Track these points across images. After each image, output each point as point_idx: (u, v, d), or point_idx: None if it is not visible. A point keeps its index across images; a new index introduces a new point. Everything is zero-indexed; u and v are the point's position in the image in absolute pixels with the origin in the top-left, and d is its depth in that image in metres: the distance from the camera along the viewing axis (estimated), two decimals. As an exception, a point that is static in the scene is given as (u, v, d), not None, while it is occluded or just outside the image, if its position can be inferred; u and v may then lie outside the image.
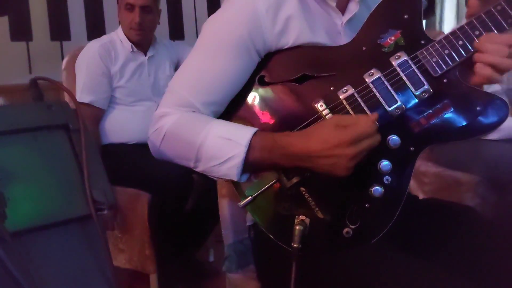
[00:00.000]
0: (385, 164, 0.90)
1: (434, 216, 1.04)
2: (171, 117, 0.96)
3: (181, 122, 0.95)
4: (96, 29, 2.89)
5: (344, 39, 1.01)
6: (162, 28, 2.78)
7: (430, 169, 2.05)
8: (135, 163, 2.05)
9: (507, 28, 0.89)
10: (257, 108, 0.99)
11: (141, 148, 2.01)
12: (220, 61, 0.96)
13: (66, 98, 2.17)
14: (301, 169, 0.90)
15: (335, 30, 1.01)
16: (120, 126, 2.20)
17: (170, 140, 0.96)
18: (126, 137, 2.19)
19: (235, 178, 0.92)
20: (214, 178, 0.99)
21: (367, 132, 0.83)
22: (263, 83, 0.98)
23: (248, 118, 0.99)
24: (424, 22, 3.84)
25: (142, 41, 2.26)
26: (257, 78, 0.99)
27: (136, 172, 2.02)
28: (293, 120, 0.95)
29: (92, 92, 2.14)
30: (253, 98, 0.99)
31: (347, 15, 1.01)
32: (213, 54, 0.97)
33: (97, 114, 2.18)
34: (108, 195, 0.78)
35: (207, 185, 1.93)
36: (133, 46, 2.23)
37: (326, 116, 0.93)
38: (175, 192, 1.96)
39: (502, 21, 0.89)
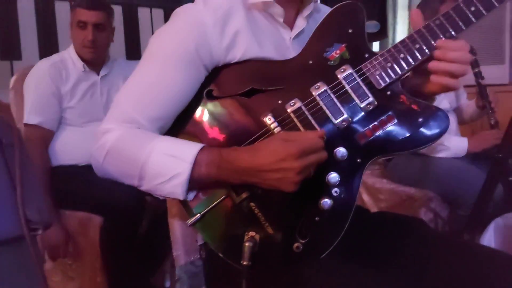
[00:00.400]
0: (333, 176, 0.90)
1: (383, 228, 1.04)
2: (115, 133, 0.92)
3: (124, 138, 0.92)
4: (48, 48, 2.82)
5: (293, 53, 1.01)
6: (119, 47, 2.74)
7: (385, 186, 2.08)
8: (86, 185, 1.98)
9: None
10: (204, 123, 0.97)
11: (92, 170, 1.94)
12: (166, 75, 0.95)
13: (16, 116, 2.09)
14: (250, 184, 0.88)
15: (284, 44, 1.02)
16: (70, 148, 2.12)
17: (113, 157, 0.92)
18: (76, 158, 2.12)
19: (180, 197, 0.90)
20: (160, 198, 0.96)
21: (314, 146, 0.83)
22: (211, 97, 0.97)
23: (196, 133, 0.97)
24: (378, 44, 3.95)
25: (95, 59, 2.21)
26: (204, 92, 0.97)
27: (87, 195, 1.95)
28: (241, 134, 0.94)
29: (41, 113, 2.06)
30: (201, 112, 0.97)
31: (295, 31, 1.03)
32: (159, 67, 0.95)
33: (46, 135, 2.10)
34: (43, 215, 0.74)
35: (161, 207, 1.88)
36: (85, 65, 2.17)
37: (275, 130, 0.92)
38: (128, 215, 1.90)
39: (440, 34, 0.92)
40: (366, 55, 0.95)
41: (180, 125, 0.98)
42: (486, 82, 2.15)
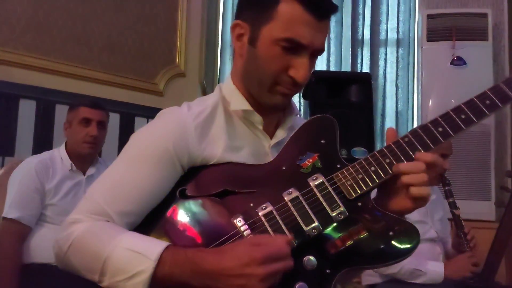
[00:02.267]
0: (300, 285, 0.87)
1: None
2: (82, 224, 0.91)
3: (91, 231, 0.90)
4: (42, 148, 2.87)
5: (271, 160, 1.03)
6: (112, 152, 2.79)
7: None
8: (57, 286, 1.88)
9: (413, 157, 0.95)
10: (175, 221, 0.96)
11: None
12: (142, 171, 0.96)
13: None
14: None
15: (263, 151, 1.05)
16: (45, 246, 2.05)
17: (76, 249, 0.90)
18: (51, 257, 2.02)
19: None
20: None
21: (280, 252, 0.82)
22: (184, 196, 0.97)
23: (165, 231, 0.95)
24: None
25: (89, 156, 2.27)
26: (178, 191, 0.98)
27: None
28: (211, 235, 0.92)
29: (21, 208, 2.05)
30: (172, 211, 0.97)
31: (275, 140, 1.07)
32: (136, 164, 0.97)
33: (22, 231, 2.06)
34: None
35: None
36: (73, 164, 2.21)
37: (244, 232, 0.91)
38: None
39: (409, 151, 0.96)
40: (338, 166, 0.98)
41: (151, 221, 0.97)
42: (473, 217, 2.17)
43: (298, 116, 1.16)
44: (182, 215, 0.96)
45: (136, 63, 3.27)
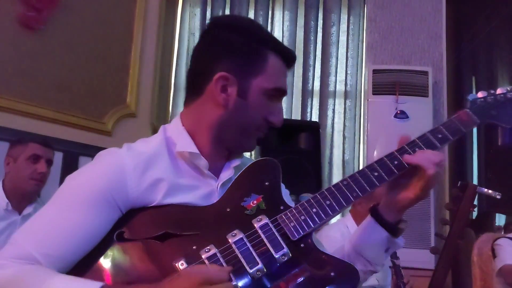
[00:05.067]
0: None
1: None
2: (6, 270, 0.84)
3: (16, 277, 0.83)
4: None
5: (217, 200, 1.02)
6: (52, 186, 2.67)
7: None
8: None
9: (352, 199, 0.99)
10: (112, 266, 0.91)
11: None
12: (74, 214, 0.91)
13: None
14: None
15: (210, 191, 1.03)
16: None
17: None
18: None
19: None
20: None
21: (219, 276, 0.82)
22: (121, 240, 0.93)
23: (100, 276, 0.90)
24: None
25: (33, 194, 2.23)
26: (115, 234, 0.93)
27: None
28: (151, 280, 0.88)
29: None
30: (109, 255, 0.92)
31: (221, 180, 1.05)
32: (69, 206, 0.92)
33: None
34: None
35: None
36: (9, 203, 2.10)
37: None
38: None
39: (348, 194, 0.99)
40: (281, 207, 0.99)
41: (85, 265, 0.91)
42: (414, 265, 2.21)
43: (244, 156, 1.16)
44: (120, 260, 0.92)
45: (85, 102, 3.21)
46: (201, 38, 1.09)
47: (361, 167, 4.09)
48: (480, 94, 1.13)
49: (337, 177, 3.90)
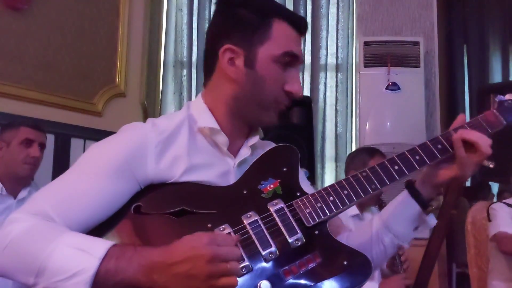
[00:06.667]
0: None
1: None
2: (22, 224, 0.85)
3: (31, 230, 0.84)
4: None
5: (234, 179, 1.02)
6: (46, 168, 2.66)
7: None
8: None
9: (370, 191, 1.00)
10: (125, 236, 0.92)
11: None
12: (94, 181, 0.92)
13: None
14: None
15: (227, 170, 1.03)
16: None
17: (13, 249, 0.83)
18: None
19: None
20: None
21: (225, 239, 0.82)
22: (138, 213, 0.93)
23: None
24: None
25: (27, 178, 2.21)
26: (132, 207, 0.94)
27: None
28: None
29: None
30: (124, 226, 0.93)
31: (238, 158, 1.05)
32: (89, 174, 0.93)
33: None
34: None
35: None
36: (4, 188, 2.10)
37: None
38: None
39: (367, 185, 1.00)
40: (298, 193, 1.00)
41: (99, 234, 0.91)
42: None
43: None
44: (134, 231, 0.93)
45: (73, 83, 3.17)
46: (212, 19, 1.13)
47: (353, 141, 4.12)
48: (508, 96, 1.12)
49: (329, 151, 3.91)
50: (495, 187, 4.45)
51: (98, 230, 0.92)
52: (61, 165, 2.97)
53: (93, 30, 3.31)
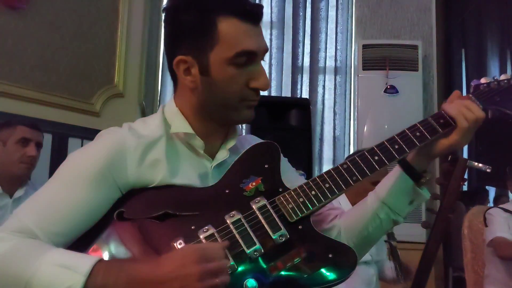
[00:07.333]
0: None
1: None
2: (4, 244, 0.84)
3: (13, 250, 0.84)
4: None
5: (212, 181, 1.02)
6: (42, 168, 2.65)
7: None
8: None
9: (352, 183, 0.99)
10: (110, 244, 0.92)
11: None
12: (74, 191, 0.91)
13: None
14: None
15: (204, 173, 1.03)
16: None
17: None
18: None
19: None
20: None
21: (214, 252, 0.82)
22: (121, 219, 0.93)
23: (99, 254, 0.90)
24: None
25: (23, 178, 2.20)
26: (115, 213, 0.94)
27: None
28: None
29: None
30: (108, 233, 0.92)
31: (215, 162, 1.05)
32: (70, 183, 0.92)
33: None
34: None
35: None
36: (0, 187, 2.08)
37: None
38: None
39: (348, 177, 0.99)
40: (280, 189, 0.99)
41: (83, 244, 0.91)
42: (405, 239, 2.22)
43: (243, 134, 1.15)
44: (118, 238, 0.92)
45: (72, 82, 3.16)
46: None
47: (351, 143, 4.12)
48: (484, 80, 1.10)
49: (327, 154, 3.91)
50: (492, 191, 4.46)
51: (83, 239, 0.92)
52: (58, 164, 2.93)
53: (92, 30, 3.31)
